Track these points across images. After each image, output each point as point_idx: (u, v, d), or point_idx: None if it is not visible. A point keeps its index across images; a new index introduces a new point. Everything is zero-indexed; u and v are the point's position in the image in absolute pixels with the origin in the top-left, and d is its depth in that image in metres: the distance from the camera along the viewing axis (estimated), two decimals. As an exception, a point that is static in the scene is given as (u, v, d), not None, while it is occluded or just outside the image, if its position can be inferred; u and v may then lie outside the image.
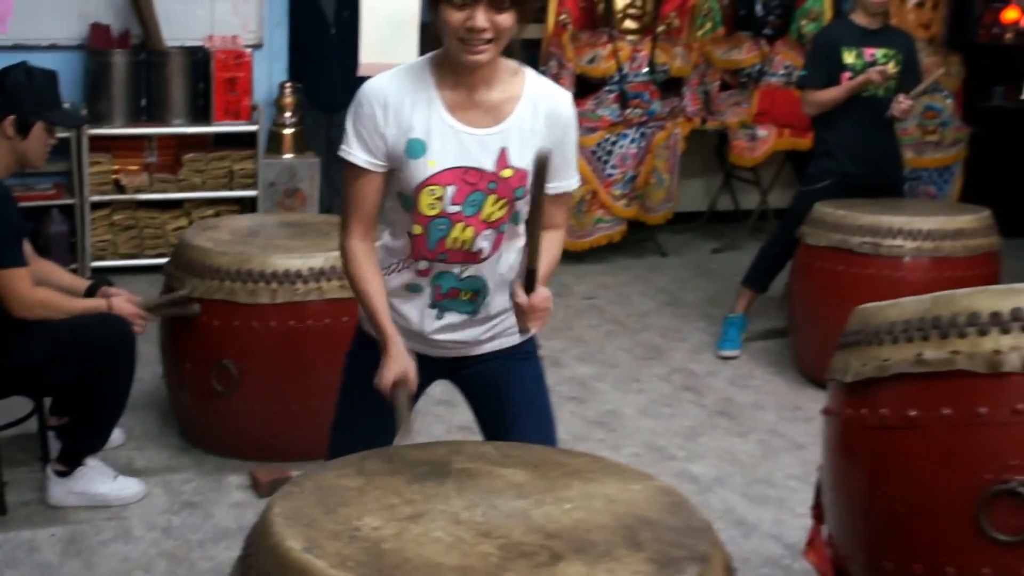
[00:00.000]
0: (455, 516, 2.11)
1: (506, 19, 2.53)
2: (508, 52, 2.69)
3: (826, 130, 5.94)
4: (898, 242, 5.31)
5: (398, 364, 2.61)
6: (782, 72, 8.33)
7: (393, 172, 2.72)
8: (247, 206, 7.20)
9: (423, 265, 2.76)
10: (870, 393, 2.84)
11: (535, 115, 2.71)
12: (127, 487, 4.21)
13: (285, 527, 2.03)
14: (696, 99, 8.26)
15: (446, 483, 2.25)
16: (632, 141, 7.74)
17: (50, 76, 4.17)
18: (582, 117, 7.43)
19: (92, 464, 4.16)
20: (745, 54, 8.36)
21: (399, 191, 2.74)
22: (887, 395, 2.78)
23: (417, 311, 2.81)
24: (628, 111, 7.69)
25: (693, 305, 7.08)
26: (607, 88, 7.69)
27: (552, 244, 2.81)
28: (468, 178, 2.67)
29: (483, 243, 2.73)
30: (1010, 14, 9.52)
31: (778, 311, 6.59)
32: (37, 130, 4.01)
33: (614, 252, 8.09)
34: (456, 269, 2.76)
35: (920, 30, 8.34)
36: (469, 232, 2.71)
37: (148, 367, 4.93)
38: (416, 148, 2.66)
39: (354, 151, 2.71)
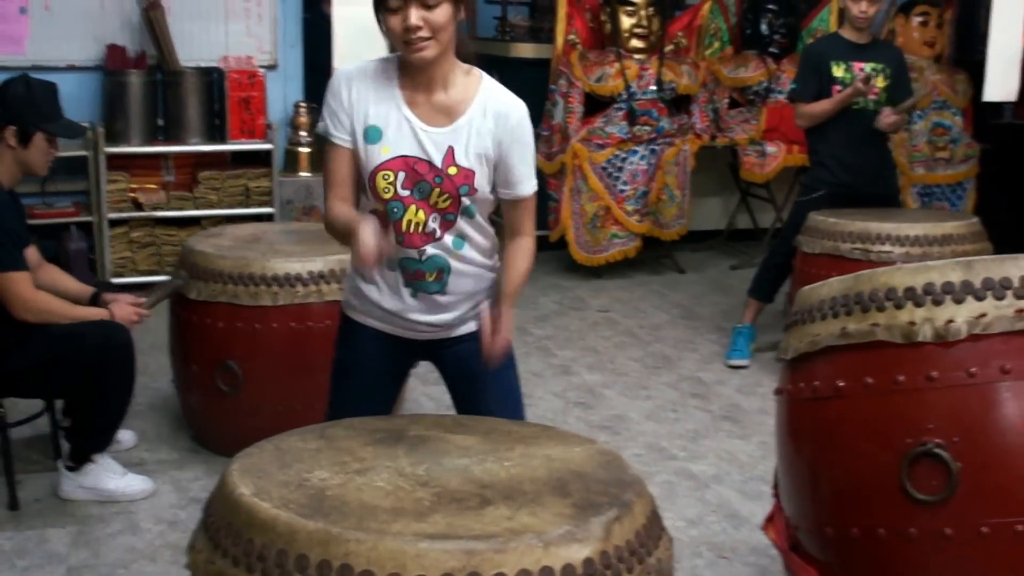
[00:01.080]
0: (399, 470, 2.32)
1: (439, 15, 2.78)
2: (464, 58, 2.96)
3: (819, 142, 6.09)
4: (887, 248, 5.45)
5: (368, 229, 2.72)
6: (788, 89, 8.43)
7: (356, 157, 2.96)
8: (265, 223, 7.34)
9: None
10: (806, 368, 3.02)
11: (484, 117, 2.93)
12: (134, 484, 4.39)
13: (239, 477, 2.26)
14: (705, 116, 8.41)
15: (398, 446, 2.47)
16: (642, 157, 7.87)
17: (49, 87, 4.33)
18: (592, 134, 7.69)
19: (101, 461, 4.34)
20: (752, 72, 8.49)
21: (360, 175, 2.97)
22: (819, 369, 2.96)
23: (394, 288, 3.03)
24: (636, 128, 7.83)
25: (707, 318, 7.17)
26: (615, 106, 7.84)
27: (517, 254, 3.06)
28: (418, 168, 2.90)
29: (433, 224, 2.94)
30: (1015, 32, 9.62)
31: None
32: (38, 140, 4.19)
33: (632, 268, 8.20)
34: (414, 253, 2.97)
35: (925, 48, 8.44)
36: (421, 215, 2.93)
37: (161, 373, 5.15)
38: (373, 134, 2.91)
39: (328, 127, 2.96)
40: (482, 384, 3.14)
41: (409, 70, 2.92)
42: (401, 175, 2.91)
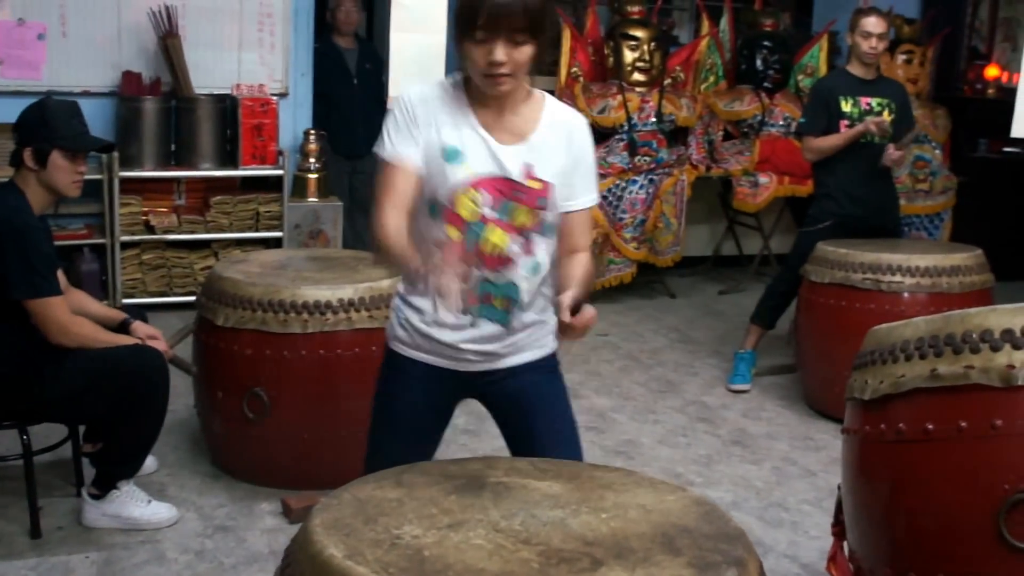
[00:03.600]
0: (494, 524, 2.04)
1: (523, 54, 2.60)
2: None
3: (826, 175, 5.91)
4: (897, 278, 5.30)
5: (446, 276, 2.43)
6: (781, 123, 8.35)
7: (424, 179, 2.71)
8: (273, 247, 7.11)
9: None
10: (887, 409, 2.78)
11: (554, 132, 2.76)
12: (159, 512, 4.12)
13: (325, 536, 1.95)
14: (701, 148, 8.29)
15: (483, 495, 2.18)
16: (641, 187, 7.69)
17: (66, 106, 4.05)
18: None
19: (125, 488, 4.08)
20: (747, 106, 8.39)
21: (430, 199, 2.72)
22: (904, 410, 2.73)
23: (452, 316, 2.72)
24: (637, 159, 7.66)
25: (703, 343, 7.04)
26: (617, 137, 7.67)
27: (579, 265, 2.80)
28: (500, 186, 2.70)
29: (514, 247, 2.73)
30: (991, 71, 9.68)
31: (786, 348, 6.57)
32: (55, 158, 3.89)
33: (625, 293, 8.06)
34: (489, 275, 2.73)
35: (909, 85, 8.30)
36: (503, 236, 2.71)
37: (180, 398, 4.87)
38: (453, 154, 2.68)
39: (391, 146, 2.71)
40: (537, 419, 2.89)
41: (478, 93, 2.71)
42: (486, 195, 2.69)
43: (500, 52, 2.55)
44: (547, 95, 2.83)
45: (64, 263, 6.26)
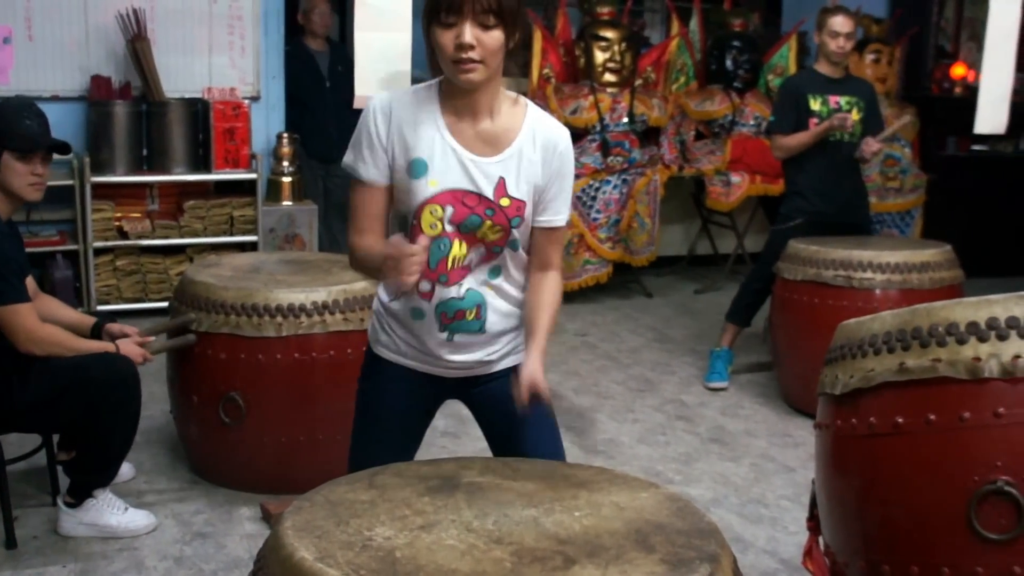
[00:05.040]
0: (467, 525, 2.02)
1: (492, 38, 2.49)
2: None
3: (796, 172, 5.92)
4: (869, 275, 5.30)
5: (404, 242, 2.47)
6: (752, 122, 8.38)
7: (394, 191, 2.67)
8: (248, 251, 7.06)
9: (425, 286, 2.68)
10: (858, 403, 2.77)
11: (533, 146, 2.65)
12: (137, 519, 4.06)
13: (297, 539, 1.93)
14: (673, 148, 8.30)
15: (456, 495, 2.17)
16: (614, 187, 7.69)
17: (18, 104, 3.91)
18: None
19: (102, 496, 4.02)
20: (718, 106, 8.41)
21: (399, 211, 2.69)
22: (874, 404, 2.72)
23: (428, 335, 2.73)
24: (610, 159, 7.66)
25: (680, 341, 7.05)
26: (590, 137, 7.67)
27: (547, 289, 2.76)
28: (467, 201, 2.61)
29: (473, 255, 2.67)
30: (958, 70, 9.75)
31: (761, 346, 6.61)
32: (6, 160, 3.74)
33: (602, 293, 8.06)
34: (454, 290, 2.68)
35: (877, 84, 8.39)
36: (464, 248, 2.65)
37: (156, 404, 4.84)
38: (419, 168, 2.60)
39: (358, 166, 2.66)
40: (520, 422, 2.81)
41: (453, 97, 2.62)
42: (449, 209, 2.61)
43: (468, 34, 2.46)
44: (531, 103, 2.72)
45: (37, 270, 6.24)
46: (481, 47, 2.49)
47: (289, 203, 7.32)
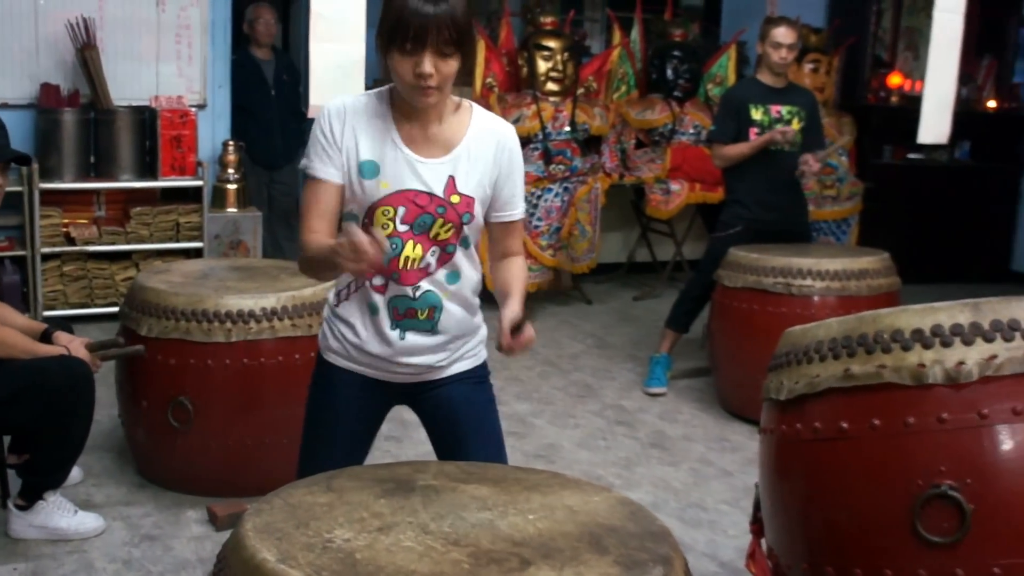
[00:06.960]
0: (424, 527, 2.03)
1: (449, 67, 2.54)
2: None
3: (737, 181, 5.97)
4: (808, 282, 5.34)
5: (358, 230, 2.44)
6: (692, 131, 8.43)
7: (345, 193, 2.70)
8: (193, 257, 7.02)
9: (378, 281, 2.73)
10: (803, 409, 2.80)
11: (480, 144, 2.72)
12: (86, 522, 4.04)
13: (258, 540, 1.93)
14: (614, 156, 8.34)
15: (412, 498, 2.18)
16: (556, 195, 7.70)
17: None
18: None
19: (52, 499, 3.99)
20: (658, 115, 8.44)
21: (350, 211, 2.72)
22: (819, 410, 2.75)
23: (381, 331, 2.76)
24: (552, 167, 7.67)
25: (619, 348, 7.07)
26: (532, 146, 7.67)
27: (516, 265, 2.85)
28: (418, 200, 2.67)
29: (430, 259, 2.72)
30: (895, 79, 9.88)
31: (699, 352, 6.64)
32: None
33: (542, 300, 8.07)
34: (408, 290, 2.73)
35: (816, 93, 8.47)
36: (419, 250, 2.70)
37: (104, 408, 4.79)
38: (370, 169, 2.66)
39: (314, 164, 2.70)
40: (465, 428, 2.88)
41: (403, 104, 2.67)
42: (401, 210, 2.66)
43: (428, 64, 2.50)
44: (475, 105, 2.78)
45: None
46: (439, 75, 2.54)
47: (234, 210, 7.28)
